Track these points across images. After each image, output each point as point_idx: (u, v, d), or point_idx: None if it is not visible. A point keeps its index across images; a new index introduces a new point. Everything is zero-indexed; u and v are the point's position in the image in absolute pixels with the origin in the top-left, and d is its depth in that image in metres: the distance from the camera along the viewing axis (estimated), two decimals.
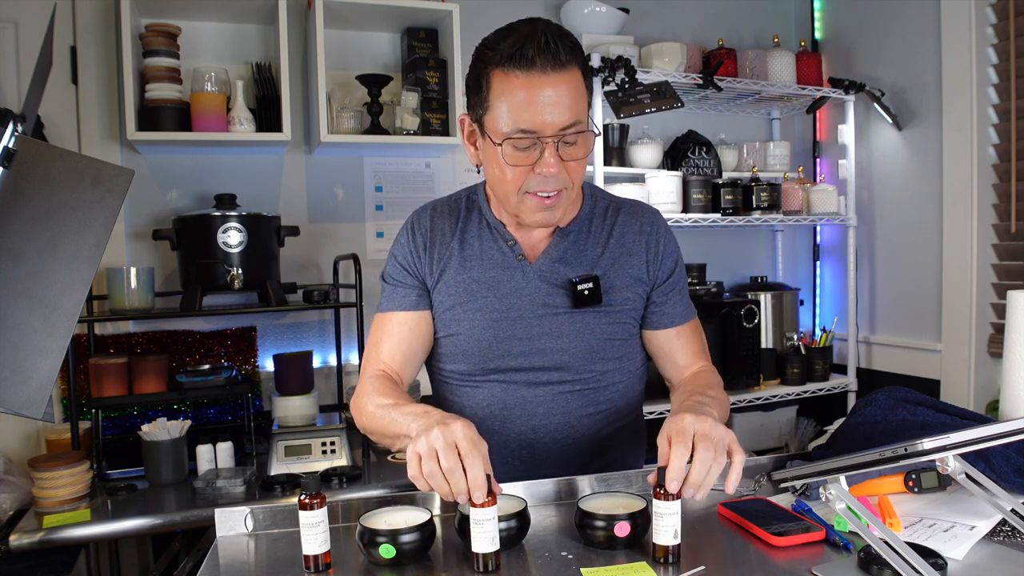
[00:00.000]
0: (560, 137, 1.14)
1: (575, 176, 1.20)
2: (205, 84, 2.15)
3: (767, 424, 2.78)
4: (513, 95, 1.12)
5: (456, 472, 0.95)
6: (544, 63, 1.11)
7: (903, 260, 2.68)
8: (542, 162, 1.14)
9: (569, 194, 1.21)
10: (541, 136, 1.13)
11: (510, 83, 1.12)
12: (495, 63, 1.14)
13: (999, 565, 0.93)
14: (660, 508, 0.95)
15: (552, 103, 1.12)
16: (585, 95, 1.18)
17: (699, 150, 2.74)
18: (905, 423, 1.23)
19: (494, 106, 1.15)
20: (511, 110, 1.13)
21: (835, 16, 2.95)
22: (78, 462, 1.78)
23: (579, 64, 1.16)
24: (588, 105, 1.20)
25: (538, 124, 1.12)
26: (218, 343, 2.33)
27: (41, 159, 1.02)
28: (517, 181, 1.18)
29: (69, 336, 0.99)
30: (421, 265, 1.33)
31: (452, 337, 1.31)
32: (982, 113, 2.38)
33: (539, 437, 1.29)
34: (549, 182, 1.16)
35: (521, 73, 1.11)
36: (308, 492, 0.96)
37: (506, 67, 1.12)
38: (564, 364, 1.28)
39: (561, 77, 1.12)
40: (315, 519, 0.95)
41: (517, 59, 1.11)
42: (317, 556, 0.96)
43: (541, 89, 1.11)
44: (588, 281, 1.27)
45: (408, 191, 2.58)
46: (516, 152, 1.15)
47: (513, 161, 1.16)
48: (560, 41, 1.12)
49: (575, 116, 1.14)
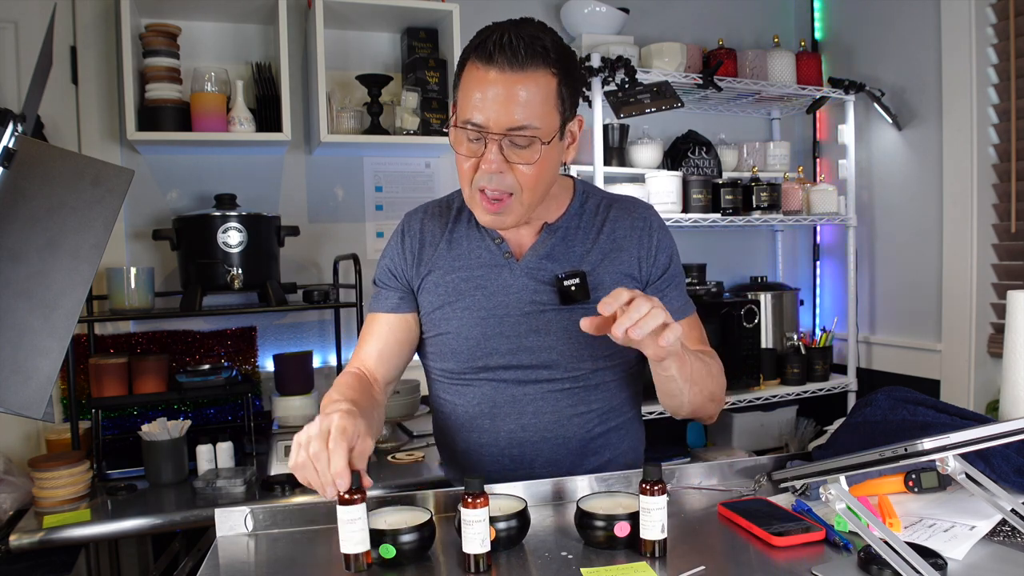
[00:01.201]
0: (505, 136, 1.14)
1: (525, 182, 1.17)
2: (205, 84, 2.15)
3: (767, 424, 2.78)
4: (469, 86, 1.15)
5: (320, 459, 0.93)
6: (501, 60, 1.11)
7: (903, 260, 2.68)
8: (484, 158, 1.16)
9: (520, 199, 1.19)
10: (485, 132, 1.14)
11: (471, 74, 1.15)
12: (467, 53, 1.17)
13: (999, 565, 0.93)
14: (646, 503, 0.96)
15: (500, 101, 1.12)
16: (552, 101, 1.15)
17: (699, 150, 2.74)
18: (905, 423, 1.23)
19: (459, 97, 1.18)
20: (465, 100, 1.16)
21: (835, 16, 2.95)
22: (78, 462, 1.78)
23: (549, 68, 1.14)
24: (562, 112, 1.18)
25: (484, 119, 1.13)
26: (218, 343, 2.33)
27: (41, 159, 1.02)
28: (468, 174, 1.19)
29: (69, 336, 0.99)
30: (407, 268, 1.34)
31: (441, 336, 1.32)
32: (982, 113, 2.38)
33: (529, 436, 1.29)
34: (493, 180, 1.16)
35: (481, 66, 1.13)
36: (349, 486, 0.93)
37: (472, 58, 1.15)
38: (552, 362, 1.28)
39: (517, 77, 1.12)
40: (353, 515, 0.92)
41: (479, 52, 1.13)
42: (358, 555, 0.93)
43: (492, 85, 1.12)
44: (575, 277, 1.26)
45: (408, 191, 2.58)
46: (467, 143, 1.17)
47: (463, 151, 1.18)
48: (527, 43, 1.12)
49: (526, 119, 1.13)
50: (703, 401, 1.23)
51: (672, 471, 1.26)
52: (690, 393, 1.19)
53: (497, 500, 1.05)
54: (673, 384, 1.16)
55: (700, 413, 1.27)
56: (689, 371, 1.16)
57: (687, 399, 1.20)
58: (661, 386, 1.19)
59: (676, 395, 1.19)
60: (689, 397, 1.20)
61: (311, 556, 1.02)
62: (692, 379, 1.18)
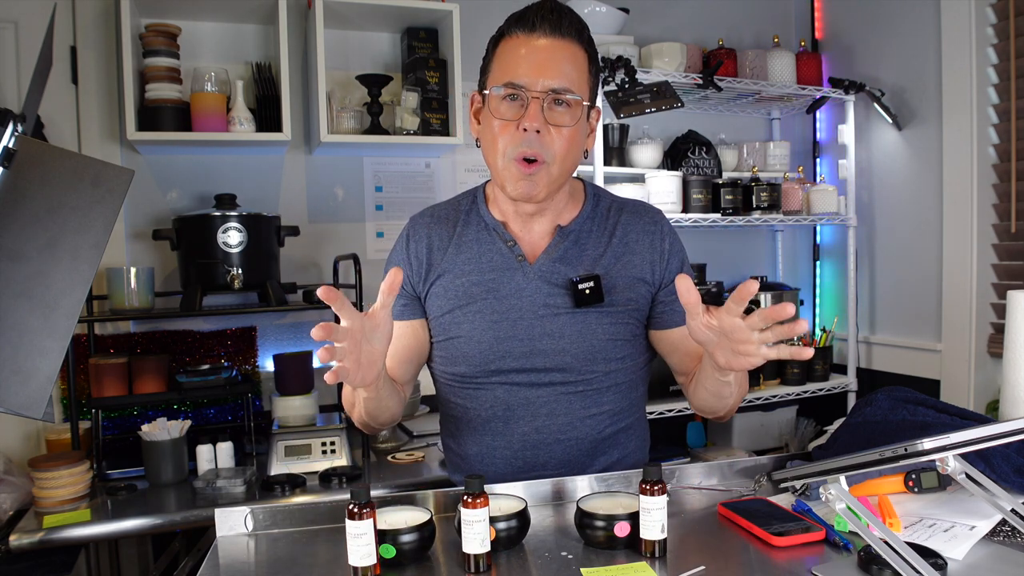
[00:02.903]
0: (547, 96, 1.18)
1: (559, 149, 1.20)
2: (205, 84, 2.15)
3: (767, 424, 2.78)
4: (511, 52, 1.20)
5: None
6: (544, 27, 1.18)
7: (903, 260, 2.68)
8: (526, 115, 1.18)
9: (550, 170, 1.21)
10: (528, 90, 1.18)
11: (511, 43, 1.21)
12: (503, 31, 1.23)
13: (999, 565, 0.93)
14: (646, 503, 0.96)
15: (544, 61, 1.18)
16: (585, 73, 1.22)
17: (699, 150, 2.74)
18: (905, 423, 1.23)
19: (494, 68, 1.23)
20: (507, 64, 1.20)
21: (835, 16, 2.95)
22: (78, 462, 1.78)
23: (582, 44, 1.21)
24: (590, 88, 1.24)
25: (527, 78, 1.18)
26: (218, 343, 2.33)
27: (41, 159, 1.02)
28: (502, 143, 1.20)
29: (69, 336, 0.99)
30: (412, 275, 1.34)
31: (452, 340, 1.31)
32: (982, 113, 2.38)
33: (543, 438, 1.29)
34: (532, 143, 1.18)
35: (522, 34, 1.19)
36: (357, 501, 0.92)
37: (511, 31, 1.21)
38: (566, 365, 1.28)
39: (559, 43, 1.19)
40: (362, 529, 0.92)
41: (521, 22, 1.20)
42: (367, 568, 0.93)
43: (537, 48, 1.18)
44: (589, 280, 1.26)
45: (408, 191, 2.58)
46: (504, 104, 1.20)
47: (500, 114, 1.20)
48: (565, 16, 1.19)
49: (567, 82, 1.18)
50: (735, 403, 1.28)
51: (672, 471, 1.26)
52: (734, 398, 1.24)
53: (497, 500, 1.05)
54: (727, 388, 1.20)
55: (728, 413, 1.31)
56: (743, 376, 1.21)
57: (733, 402, 1.25)
58: (713, 389, 1.22)
59: (725, 398, 1.23)
60: (734, 401, 1.25)
61: (311, 556, 1.02)
62: (740, 383, 1.22)
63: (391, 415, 1.30)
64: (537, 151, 1.19)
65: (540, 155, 1.19)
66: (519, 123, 1.18)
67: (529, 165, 1.20)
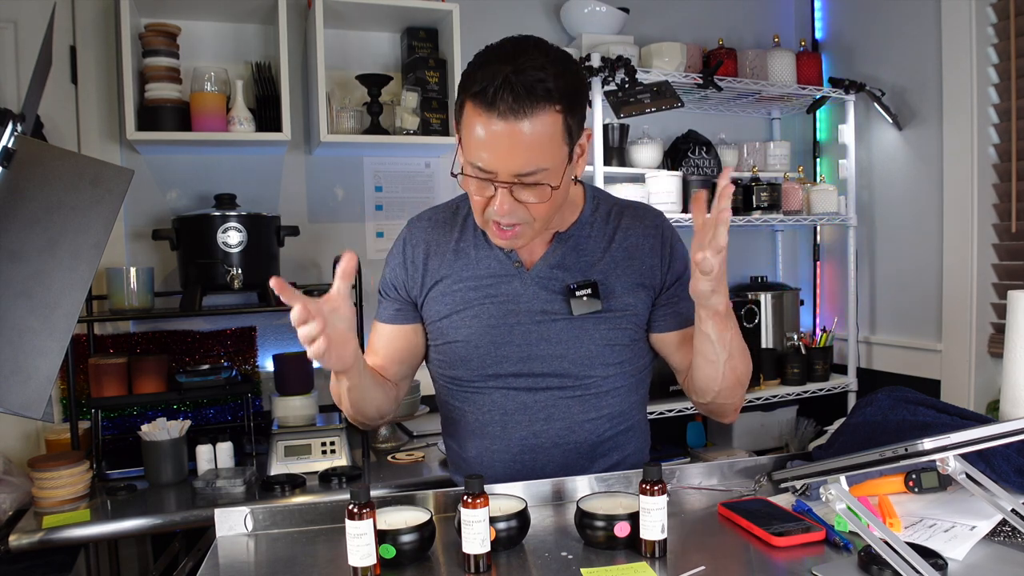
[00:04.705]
0: (514, 183, 1.12)
1: (537, 213, 1.16)
2: (205, 84, 2.15)
3: (767, 424, 2.78)
4: (473, 130, 1.10)
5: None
6: (504, 108, 1.06)
7: (903, 260, 2.68)
8: (496, 201, 1.13)
9: (532, 226, 1.18)
10: (494, 177, 1.12)
11: (473, 118, 1.10)
12: (465, 90, 1.11)
13: (999, 565, 0.93)
14: (646, 503, 0.96)
15: (505, 149, 1.08)
16: (559, 137, 1.11)
17: (699, 150, 2.74)
18: (905, 423, 1.23)
19: (463, 133, 1.15)
20: (470, 144, 1.12)
21: (835, 16, 2.95)
22: (78, 462, 1.78)
23: (553, 106, 1.09)
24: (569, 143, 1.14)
25: (491, 166, 1.11)
26: (218, 343, 2.33)
27: (41, 159, 1.02)
28: (479, 206, 1.18)
29: (69, 336, 0.99)
30: (408, 279, 1.34)
31: (450, 345, 1.31)
32: (982, 113, 2.37)
33: (541, 442, 1.29)
34: (505, 216, 1.15)
35: (483, 111, 1.08)
36: (357, 501, 0.92)
37: (472, 100, 1.09)
38: (563, 370, 1.28)
39: (521, 125, 1.07)
40: (362, 530, 0.92)
41: (480, 97, 1.07)
42: (367, 569, 0.93)
43: (496, 134, 1.08)
44: (586, 287, 1.26)
45: (408, 191, 2.58)
46: (475, 182, 1.14)
47: (472, 191, 1.17)
48: (527, 88, 1.06)
49: (534, 164, 1.10)
50: (733, 383, 1.24)
51: (672, 471, 1.26)
52: (725, 366, 1.20)
53: (497, 500, 1.05)
54: (709, 347, 1.18)
55: (727, 399, 1.28)
56: (729, 338, 1.18)
57: (721, 371, 1.21)
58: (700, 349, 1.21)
59: (712, 361, 1.20)
60: (724, 370, 1.21)
61: (311, 556, 1.02)
62: (730, 350, 1.19)
63: (376, 408, 1.30)
64: (513, 222, 1.16)
65: (518, 223, 1.17)
66: (490, 201, 1.15)
67: (507, 230, 1.18)
